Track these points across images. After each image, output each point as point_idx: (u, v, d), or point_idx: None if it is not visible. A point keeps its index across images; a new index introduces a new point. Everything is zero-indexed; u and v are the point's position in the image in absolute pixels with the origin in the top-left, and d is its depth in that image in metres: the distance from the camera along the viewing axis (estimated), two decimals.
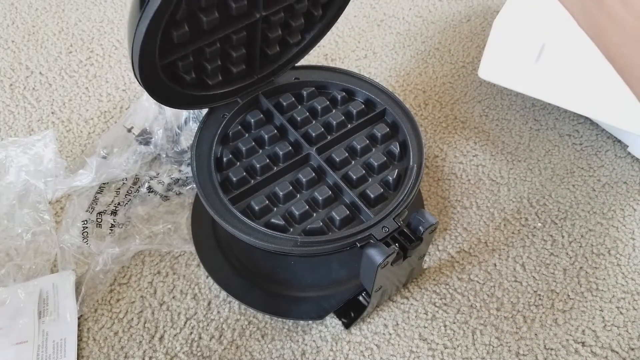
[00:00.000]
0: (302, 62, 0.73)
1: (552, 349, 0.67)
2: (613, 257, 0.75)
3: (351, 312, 0.68)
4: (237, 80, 0.68)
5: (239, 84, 0.68)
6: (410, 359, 0.67)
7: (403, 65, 0.97)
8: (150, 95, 0.59)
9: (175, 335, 0.68)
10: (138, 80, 0.57)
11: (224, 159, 0.65)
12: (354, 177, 0.63)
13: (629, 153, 0.84)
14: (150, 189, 0.78)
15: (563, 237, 0.76)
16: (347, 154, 0.65)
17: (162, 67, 0.58)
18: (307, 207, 0.61)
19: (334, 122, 0.67)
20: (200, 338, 0.68)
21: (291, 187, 0.63)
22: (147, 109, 0.82)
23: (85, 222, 0.75)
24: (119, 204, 0.77)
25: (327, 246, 0.57)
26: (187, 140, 0.80)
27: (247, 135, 0.68)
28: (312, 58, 0.97)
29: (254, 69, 0.68)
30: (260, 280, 0.71)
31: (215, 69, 0.64)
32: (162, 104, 0.62)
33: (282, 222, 0.60)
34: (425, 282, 0.72)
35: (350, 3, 0.69)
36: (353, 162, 0.66)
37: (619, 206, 0.79)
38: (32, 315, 0.67)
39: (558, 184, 0.82)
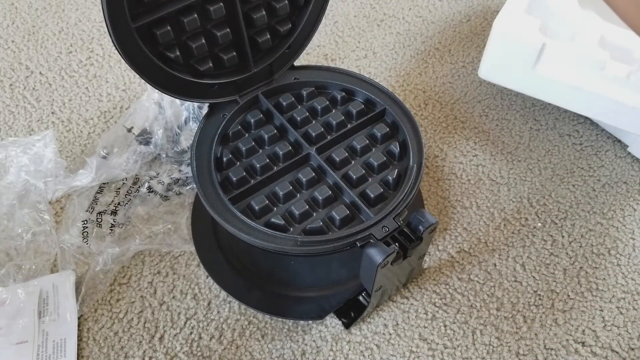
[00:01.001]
0: (302, 62, 0.73)
1: (552, 349, 0.67)
2: (613, 257, 0.75)
3: (351, 312, 0.68)
4: (232, 73, 0.67)
5: (235, 77, 0.67)
6: (410, 359, 0.67)
7: (403, 65, 0.97)
8: (133, 69, 0.59)
9: (175, 335, 0.68)
10: (115, 45, 0.56)
11: (224, 159, 0.65)
12: (354, 176, 0.63)
13: (629, 153, 0.84)
14: (150, 189, 0.78)
15: (563, 237, 0.76)
16: (347, 154, 0.65)
17: (138, 32, 0.57)
18: (307, 206, 0.61)
19: (334, 122, 0.67)
20: (200, 338, 0.68)
21: (291, 187, 0.63)
22: (147, 109, 0.82)
23: (85, 222, 0.75)
24: (119, 204, 0.77)
25: (327, 246, 0.57)
26: (187, 140, 0.80)
27: (247, 135, 0.68)
28: (312, 58, 0.97)
29: (247, 59, 0.67)
30: (260, 280, 0.71)
31: (200, 48, 0.63)
32: (148, 82, 0.61)
33: (282, 222, 0.60)
34: (425, 282, 0.72)
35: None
36: (353, 161, 0.66)
37: (619, 206, 0.79)
38: (32, 315, 0.67)
39: (558, 184, 0.81)
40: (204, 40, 0.63)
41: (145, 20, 0.58)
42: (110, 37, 0.56)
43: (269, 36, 0.67)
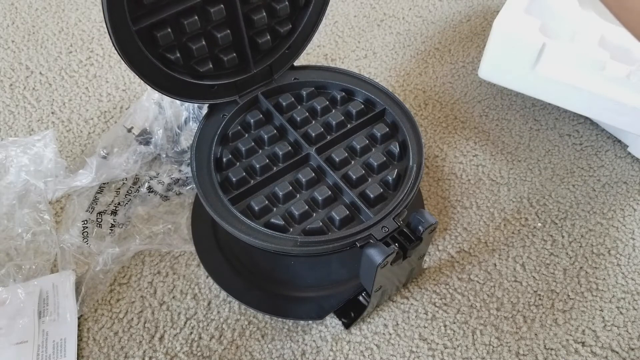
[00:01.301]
0: (302, 62, 0.73)
1: (552, 349, 0.67)
2: (613, 257, 0.75)
3: (351, 312, 0.68)
4: (232, 74, 0.67)
5: (235, 78, 0.67)
6: (410, 359, 0.67)
7: (403, 65, 0.97)
8: (133, 70, 0.59)
9: (175, 335, 0.68)
10: (115, 47, 0.57)
11: (224, 159, 0.65)
12: (354, 177, 0.63)
13: (629, 153, 0.84)
14: (150, 189, 0.78)
15: (563, 237, 0.76)
16: (346, 154, 0.65)
17: (139, 35, 0.57)
18: (307, 207, 0.61)
19: (334, 122, 0.67)
20: (200, 338, 0.68)
21: (291, 187, 0.63)
22: (147, 109, 0.82)
23: (85, 222, 0.75)
24: (119, 204, 0.77)
25: (326, 246, 0.57)
26: (187, 140, 0.80)
27: (246, 135, 0.68)
28: (312, 58, 0.97)
29: (247, 60, 0.67)
30: (260, 280, 0.71)
31: (200, 49, 0.63)
32: (150, 85, 0.61)
33: (281, 222, 0.60)
34: (425, 282, 0.72)
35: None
36: (353, 162, 0.66)
37: (619, 206, 0.79)
38: (32, 315, 0.67)
39: (558, 184, 0.81)
40: (204, 42, 0.63)
41: (145, 22, 0.58)
42: (111, 39, 0.56)
43: (269, 37, 0.67)
